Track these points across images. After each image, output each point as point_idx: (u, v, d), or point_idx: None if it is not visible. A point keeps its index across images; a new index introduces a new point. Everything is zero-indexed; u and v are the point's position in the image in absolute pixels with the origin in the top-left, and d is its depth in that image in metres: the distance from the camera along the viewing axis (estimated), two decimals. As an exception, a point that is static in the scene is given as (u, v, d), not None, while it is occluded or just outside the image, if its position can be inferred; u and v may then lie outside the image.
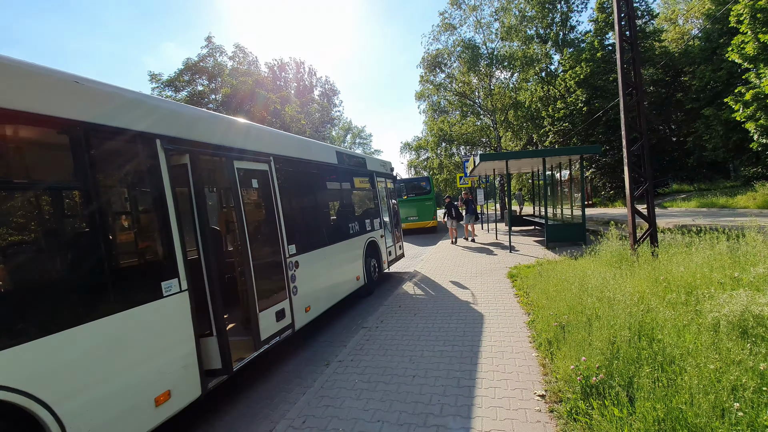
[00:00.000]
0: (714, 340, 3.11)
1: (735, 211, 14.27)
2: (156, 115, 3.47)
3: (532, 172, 18.33)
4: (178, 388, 3.24)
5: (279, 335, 4.66)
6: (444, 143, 32.82)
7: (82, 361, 2.58)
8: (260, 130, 5.28)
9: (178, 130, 3.63)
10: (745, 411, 2.31)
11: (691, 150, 24.47)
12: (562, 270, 6.64)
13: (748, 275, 4.18)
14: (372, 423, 3.15)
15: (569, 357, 3.47)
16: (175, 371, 3.23)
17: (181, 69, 24.32)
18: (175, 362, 3.25)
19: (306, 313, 5.35)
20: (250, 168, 4.64)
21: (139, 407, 2.93)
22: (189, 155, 3.72)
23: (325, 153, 6.94)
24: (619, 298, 4.21)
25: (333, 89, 56.38)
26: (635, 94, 7.26)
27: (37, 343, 2.33)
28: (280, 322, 4.70)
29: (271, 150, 5.13)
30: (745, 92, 16.02)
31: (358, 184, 8.20)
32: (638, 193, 7.22)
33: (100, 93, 3.00)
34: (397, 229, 10.50)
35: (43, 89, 2.61)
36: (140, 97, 3.45)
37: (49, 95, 2.63)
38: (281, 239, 4.98)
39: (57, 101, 2.66)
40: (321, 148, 7.03)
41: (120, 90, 3.21)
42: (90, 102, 2.88)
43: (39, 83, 2.60)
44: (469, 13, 28.78)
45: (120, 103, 3.14)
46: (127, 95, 3.25)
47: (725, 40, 19.84)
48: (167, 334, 3.22)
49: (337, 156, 7.33)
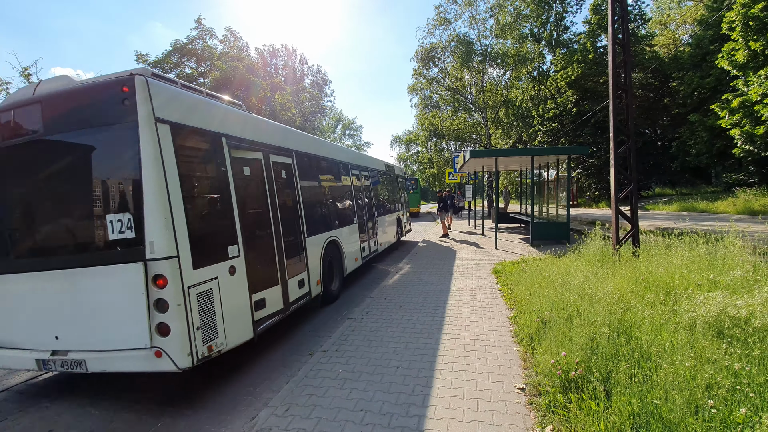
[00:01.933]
0: (690, 339, 3.20)
1: (715, 216, 14.65)
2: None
3: (520, 171, 18.51)
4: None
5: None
6: (435, 138, 32.86)
7: (350, 234, 8.29)
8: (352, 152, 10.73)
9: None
10: (719, 408, 2.39)
11: (675, 155, 24.95)
12: (546, 267, 6.74)
13: (726, 278, 4.31)
14: (355, 412, 3.17)
15: (550, 352, 3.54)
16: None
17: (169, 50, 23.76)
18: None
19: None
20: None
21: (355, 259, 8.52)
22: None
23: (378, 164, 12.24)
24: (600, 296, 4.29)
25: (324, 78, 55.81)
26: (624, 97, 7.36)
27: (336, 230, 7.55)
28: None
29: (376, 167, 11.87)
30: (732, 99, 16.36)
31: (395, 182, 14.15)
32: (623, 194, 7.34)
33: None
34: (407, 212, 16.39)
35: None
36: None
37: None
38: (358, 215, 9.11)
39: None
40: (378, 162, 12.34)
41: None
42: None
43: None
44: (465, 9, 28.68)
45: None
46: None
47: (715, 47, 20.19)
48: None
49: (386, 166, 13.20)
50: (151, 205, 3.35)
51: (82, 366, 3.57)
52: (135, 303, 3.35)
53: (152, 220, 3.34)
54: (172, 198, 3.45)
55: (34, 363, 3.76)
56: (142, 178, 3.35)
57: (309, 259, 6.11)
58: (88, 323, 3.59)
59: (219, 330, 3.80)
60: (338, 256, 7.49)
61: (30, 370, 4.06)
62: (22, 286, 3.82)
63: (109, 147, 3.63)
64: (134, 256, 3.37)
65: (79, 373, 3.70)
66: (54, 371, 3.88)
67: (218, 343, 3.77)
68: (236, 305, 4.16)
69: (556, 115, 27.63)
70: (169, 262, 3.35)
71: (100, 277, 3.50)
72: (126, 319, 3.43)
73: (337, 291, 7.29)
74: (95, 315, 3.56)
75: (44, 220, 3.94)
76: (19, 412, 3.82)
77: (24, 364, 3.86)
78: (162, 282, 3.34)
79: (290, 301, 5.35)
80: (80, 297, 3.58)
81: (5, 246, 4.00)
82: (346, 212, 8.43)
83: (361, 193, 9.69)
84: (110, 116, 3.52)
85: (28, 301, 3.83)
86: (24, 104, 3.83)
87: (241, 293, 4.28)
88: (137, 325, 3.37)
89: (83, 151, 3.75)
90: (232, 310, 4.05)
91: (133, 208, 3.43)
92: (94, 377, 4.19)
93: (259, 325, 4.55)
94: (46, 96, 3.75)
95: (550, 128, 28.02)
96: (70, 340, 3.67)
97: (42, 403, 3.98)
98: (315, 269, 6.32)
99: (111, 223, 3.45)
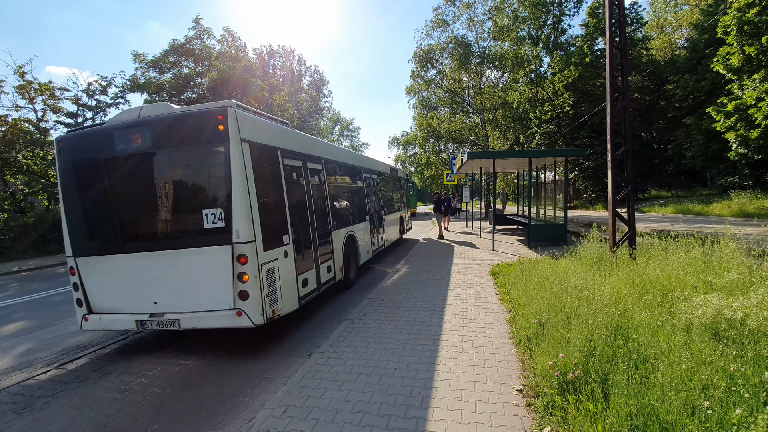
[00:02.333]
0: (687, 341, 3.22)
1: (709, 218, 14.74)
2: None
3: (518, 173, 18.56)
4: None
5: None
6: (432, 139, 32.96)
7: (363, 230, 9.38)
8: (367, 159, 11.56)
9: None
10: (715, 409, 2.41)
11: (670, 157, 25.08)
12: (543, 269, 6.77)
13: (721, 280, 4.33)
14: (353, 414, 3.17)
15: (548, 353, 3.55)
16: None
17: (166, 50, 23.67)
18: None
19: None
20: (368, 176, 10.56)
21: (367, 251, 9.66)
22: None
23: (385, 167, 13.29)
24: (597, 297, 4.32)
25: (322, 79, 55.85)
26: (621, 99, 7.40)
27: (353, 225, 8.56)
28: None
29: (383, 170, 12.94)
30: (727, 103, 16.47)
31: (396, 185, 14.91)
32: (620, 197, 7.38)
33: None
34: (409, 212, 17.50)
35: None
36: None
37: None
38: (369, 213, 10.10)
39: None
40: (384, 166, 13.37)
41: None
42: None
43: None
44: (463, 11, 28.81)
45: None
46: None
47: (711, 51, 20.32)
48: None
49: (391, 170, 14.24)
50: (237, 202, 4.48)
51: (176, 324, 4.66)
52: (223, 275, 4.49)
53: (238, 214, 4.47)
54: (251, 197, 4.59)
55: (133, 324, 4.82)
56: (231, 182, 4.47)
57: (335, 249, 7.26)
58: (185, 291, 4.69)
59: (279, 299, 4.92)
60: (354, 249, 8.56)
61: (129, 330, 5.28)
62: (127, 263, 4.88)
63: (204, 158, 4.78)
64: (224, 240, 4.50)
65: (171, 330, 4.74)
66: (149, 330, 4.89)
67: (278, 308, 4.88)
68: (288, 281, 5.29)
69: (553, 118, 27.74)
70: (250, 245, 4.51)
71: (197, 256, 4.61)
72: (215, 287, 4.55)
73: (353, 278, 8.38)
74: (190, 284, 4.66)
75: (149, 212, 4.92)
76: (125, 363, 4.42)
77: (124, 325, 4.93)
78: (244, 260, 4.47)
79: (321, 283, 6.52)
80: (179, 271, 4.69)
81: (115, 232, 5.00)
82: (361, 210, 9.58)
83: (371, 193, 10.86)
84: (206, 136, 4.60)
85: (132, 274, 4.87)
86: (134, 124, 4.84)
87: (291, 272, 5.40)
88: (224, 292, 4.51)
89: (183, 161, 4.87)
90: (286, 285, 5.18)
91: (223, 205, 4.53)
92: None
93: (302, 300, 5.70)
94: (153, 118, 4.80)
95: (548, 130, 28.12)
96: (167, 305, 4.75)
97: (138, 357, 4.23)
98: (338, 258, 7.44)
99: (206, 215, 4.57)
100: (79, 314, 5.10)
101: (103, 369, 4.73)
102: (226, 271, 4.48)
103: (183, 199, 4.88)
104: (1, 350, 5.59)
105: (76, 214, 5.08)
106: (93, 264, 5.02)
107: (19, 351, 5.51)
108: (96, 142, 4.99)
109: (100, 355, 5.19)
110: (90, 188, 5.04)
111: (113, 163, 4.94)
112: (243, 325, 4.47)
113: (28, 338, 6.04)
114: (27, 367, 4.90)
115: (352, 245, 8.37)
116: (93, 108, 20.61)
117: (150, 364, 4.76)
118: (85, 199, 5.05)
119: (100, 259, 5.01)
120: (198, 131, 4.64)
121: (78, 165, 5.05)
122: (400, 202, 15.20)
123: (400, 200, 15.25)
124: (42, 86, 18.73)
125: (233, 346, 5.20)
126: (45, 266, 13.47)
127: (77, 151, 5.06)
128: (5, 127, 17.57)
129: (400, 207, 14.99)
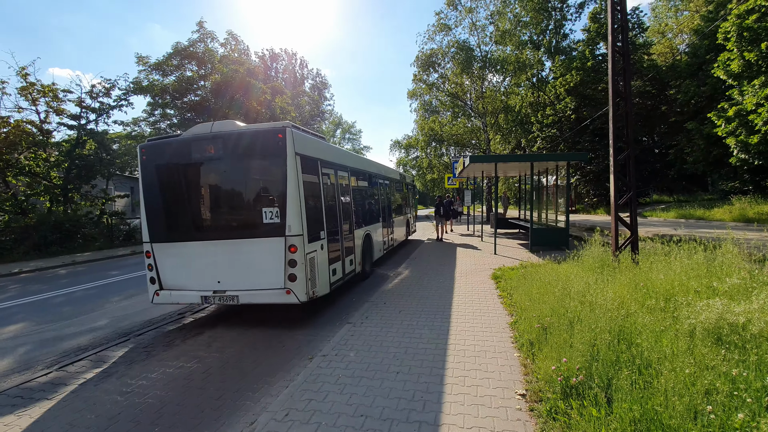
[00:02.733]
0: (690, 346, 3.22)
1: (711, 223, 14.72)
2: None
3: (519, 176, 18.57)
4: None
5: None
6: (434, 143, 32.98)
7: (377, 230, 10.49)
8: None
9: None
10: (718, 414, 2.40)
11: (672, 162, 25.09)
12: (545, 273, 6.75)
13: (724, 285, 4.33)
14: (355, 417, 3.16)
15: (550, 358, 3.54)
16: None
17: (170, 53, 23.78)
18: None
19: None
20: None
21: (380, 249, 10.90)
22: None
23: (395, 173, 14.53)
24: (600, 302, 4.31)
25: (324, 82, 55.98)
26: (624, 104, 7.41)
27: (369, 226, 9.57)
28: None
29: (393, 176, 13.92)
30: (727, 108, 16.49)
31: (404, 189, 15.91)
32: (622, 201, 7.38)
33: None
34: (414, 215, 18.99)
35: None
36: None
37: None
38: (381, 215, 11.17)
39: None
40: (394, 172, 14.60)
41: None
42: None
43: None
44: (465, 15, 28.88)
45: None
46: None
47: (711, 57, 20.37)
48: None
49: (400, 176, 15.40)
50: (290, 203, 5.55)
51: (235, 300, 5.72)
52: (277, 261, 5.58)
53: (290, 212, 5.54)
54: (301, 199, 5.65)
55: (198, 299, 5.89)
56: (286, 187, 5.54)
57: (356, 245, 8.34)
58: (244, 273, 5.76)
59: (317, 283, 6.00)
60: (370, 246, 9.65)
61: (194, 303, 6.23)
62: (196, 249, 6.00)
63: (265, 167, 5.91)
64: (279, 233, 5.57)
65: (230, 305, 6.14)
66: (212, 304, 6.43)
67: (316, 291, 5.94)
68: (323, 269, 6.33)
69: (554, 122, 27.77)
70: (299, 238, 5.58)
71: (255, 245, 5.72)
72: (270, 270, 5.62)
73: (369, 271, 9.47)
74: (249, 268, 5.75)
75: (216, 208, 6.26)
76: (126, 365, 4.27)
77: (191, 299, 5.99)
78: (294, 249, 5.54)
79: (345, 273, 7.58)
80: (240, 257, 5.77)
81: (187, 223, 6.15)
82: (376, 213, 10.79)
83: (384, 198, 12.08)
84: (268, 150, 5.71)
85: (199, 258, 5.96)
86: (207, 137, 5.92)
87: (325, 263, 6.45)
88: (277, 275, 5.60)
89: (247, 168, 5.97)
90: (321, 272, 6.23)
91: (279, 205, 5.61)
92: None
93: (332, 285, 6.76)
94: (224, 133, 5.85)
95: (549, 134, 28.15)
96: (229, 283, 5.82)
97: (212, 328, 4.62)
98: (358, 253, 8.52)
99: (264, 213, 5.66)
100: (151, 290, 6.14)
101: (104, 371, 4.72)
102: (279, 258, 5.57)
103: (246, 199, 6.06)
104: (1, 352, 5.58)
105: (155, 207, 6.18)
106: (166, 249, 6.10)
107: (19, 353, 5.50)
108: (174, 150, 6.11)
109: (101, 357, 5.18)
110: (167, 187, 6.19)
111: (188, 168, 6.13)
112: (290, 302, 5.57)
113: (28, 340, 6.04)
114: (27, 369, 4.89)
115: (368, 243, 9.46)
116: (96, 110, 20.66)
117: (151, 367, 4.75)
118: (163, 195, 6.18)
119: (173, 245, 6.11)
120: (261, 145, 5.76)
121: (158, 168, 6.13)
122: (407, 205, 16.62)
123: (407, 204, 16.62)
124: (45, 88, 18.79)
125: (234, 350, 5.20)
126: (46, 268, 13.47)
127: (158, 156, 6.13)
128: (7, 128, 17.64)
129: (407, 210, 16.47)
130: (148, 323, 6.59)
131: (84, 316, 7.21)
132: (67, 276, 11.94)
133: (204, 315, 6.98)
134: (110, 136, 22.44)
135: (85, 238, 18.55)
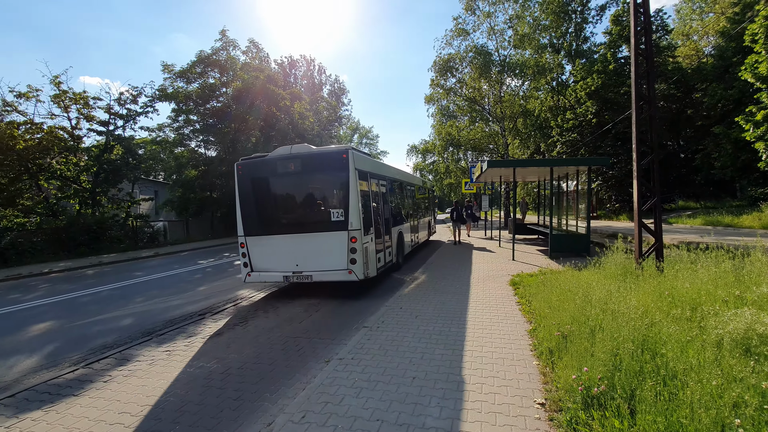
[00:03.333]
0: (717, 357, 3.11)
1: (739, 230, 14.19)
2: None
3: (538, 182, 18.31)
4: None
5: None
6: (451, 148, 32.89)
7: (407, 229, 12.54)
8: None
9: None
10: (746, 428, 2.31)
11: (698, 167, 24.32)
12: (566, 280, 6.63)
13: (753, 294, 4.17)
14: (371, 422, 3.17)
15: (571, 367, 3.47)
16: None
17: (193, 61, 24.48)
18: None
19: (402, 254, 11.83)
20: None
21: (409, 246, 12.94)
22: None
23: (419, 180, 16.84)
24: (622, 310, 4.20)
25: (342, 88, 56.56)
26: (647, 108, 7.25)
27: (401, 225, 11.61)
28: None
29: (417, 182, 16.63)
30: (756, 112, 15.93)
31: (425, 195, 17.64)
32: (646, 207, 7.19)
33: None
34: (435, 217, 20.76)
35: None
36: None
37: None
38: (409, 217, 13.09)
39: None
40: (418, 179, 17.01)
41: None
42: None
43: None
44: (483, 20, 28.82)
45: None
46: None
47: (738, 59, 19.74)
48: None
49: (422, 182, 17.38)
50: (352, 206, 7.48)
51: (309, 278, 7.65)
52: (342, 249, 7.53)
53: (351, 212, 7.47)
54: (358, 203, 7.53)
55: (281, 278, 7.86)
56: (349, 194, 7.50)
57: (392, 240, 10.16)
58: (316, 258, 7.68)
59: (370, 266, 7.92)
60: (402, 242, 11.36)
61: (278, 282, 8.73)
62: (280, 241, 7.95)
63: (333, 179, 7.94)
64: (343, 228, 7.52)
65: (306, 282, 7.89)
66: (292, 282, 7.98)
67: (369, 273, 7.84)
68: (372, 257, 8.16)
69: (575, 126, 27.30)
70: (357, 232, 7.50)
71: (325, 237, 7.67)
72: (336, 256, 7.57)
73: (401, 263, 11.20)
74: (320, 254, 7.66)
75: (296, 210, 8.31)
76: (149, 363, 4.34)
77: (276, 279, 8.01)
78: (354, 240, 7.45)
79: (386, 262, 9.36)
80: (313, 246, 7.70)
81: (273, 222, 8.19)
82: (406, 215, 12.72)
83: (411, 202, 14.15)
84: (335, 166, 7.69)
85: (282, 248, 7.90)
86: (289, 157, 7.94)
87: (373, 252, 8.28)
88: (341, 259, 7.55)
89: (319, 180, 8.16)
90: (371, 259, 8.09)
91: (343, 207, 7.58)
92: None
93: (379, 270, 8.63)
94: (301, 153, 7.90)
95: (569, 139, 27.69)
96: (305, 266, 7.73)
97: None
98: (394, 247, 10.36)
99: (332, 213, 7.65)
100: (244, 272, 8.06)
101: (128, 369, 4.85)
102: (343, 247, 7.50)
103: (318, 203, 8.07)
104: (30, 349, 5.80)
105: (248, 210, 8.08)
106: (257, 241, 8.02)
107: (47, 350, 5.71)
108: (263, 166, 8.11)
109: (126, 355, 5.33)
110: (258, 194, 8.20)
111: (274, 180, 8.24)
112: (351, 279, 7.52)
113: (56, 337, 6.26)
114: (54, 366, 5.07)
115: (401, 239, 11.28)
116: (123, 116, 21.38)
117: (173, 367, 4.87)
118: (255, 200, 8.14)
119: (263, 238, 8.02)
120: (330, 163, 7.78)
121: (251, 180, 8.13)
122: (429, 209, 18.94)
123: (429, 208, 18.91)
124: (77, 95, 19.58)
125: (252, 351, 5.27)
126: (74, 268, 13.95)
127: (251, 171, 8.12)
128: (41, 134, 18.42)
129: (429, 213, 18.67)
130: (169, 323, 6.76)
131: (109, 315, 7.44)
132: (93, 276, 12.35)
133: (223, 316, 7.11)
134: (136, 142, 23.19)
135: (111, 240, 19.16)
